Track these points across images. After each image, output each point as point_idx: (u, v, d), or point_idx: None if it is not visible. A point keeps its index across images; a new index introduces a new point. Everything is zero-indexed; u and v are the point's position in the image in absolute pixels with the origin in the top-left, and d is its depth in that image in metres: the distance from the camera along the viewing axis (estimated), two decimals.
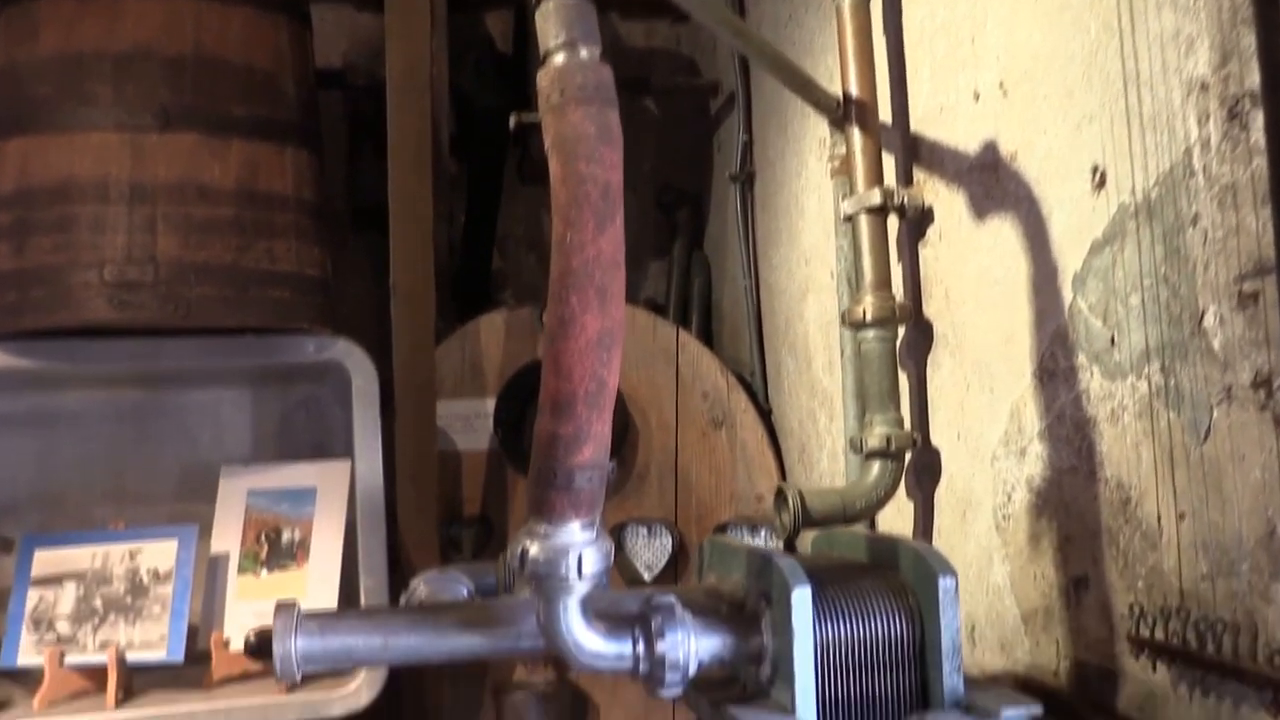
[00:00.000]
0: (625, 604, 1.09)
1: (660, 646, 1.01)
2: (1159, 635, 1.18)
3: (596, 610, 1.03)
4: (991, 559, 1.56)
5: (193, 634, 2.28)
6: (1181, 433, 1.18)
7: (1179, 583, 1.18)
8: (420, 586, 1.22)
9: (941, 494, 1.70)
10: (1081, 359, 1.36)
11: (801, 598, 1.00)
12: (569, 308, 0.94)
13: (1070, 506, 1.39)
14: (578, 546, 0.97)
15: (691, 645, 1.02)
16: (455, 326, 2.48)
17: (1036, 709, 1.00)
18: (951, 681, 1.03)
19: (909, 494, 1.76)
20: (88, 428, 2.46)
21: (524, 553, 0.97)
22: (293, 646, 1.05)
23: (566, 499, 0.96)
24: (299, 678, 1.05)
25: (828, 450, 2.15)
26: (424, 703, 2.33)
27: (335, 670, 1.47)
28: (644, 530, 2.32)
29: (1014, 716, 0.98)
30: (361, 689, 2.10)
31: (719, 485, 2.39)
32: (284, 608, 1.07)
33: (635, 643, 1.03)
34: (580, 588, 0.99)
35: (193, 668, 2.21)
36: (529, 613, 1.07)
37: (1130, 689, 1.28)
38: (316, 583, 2.21)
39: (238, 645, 2.21)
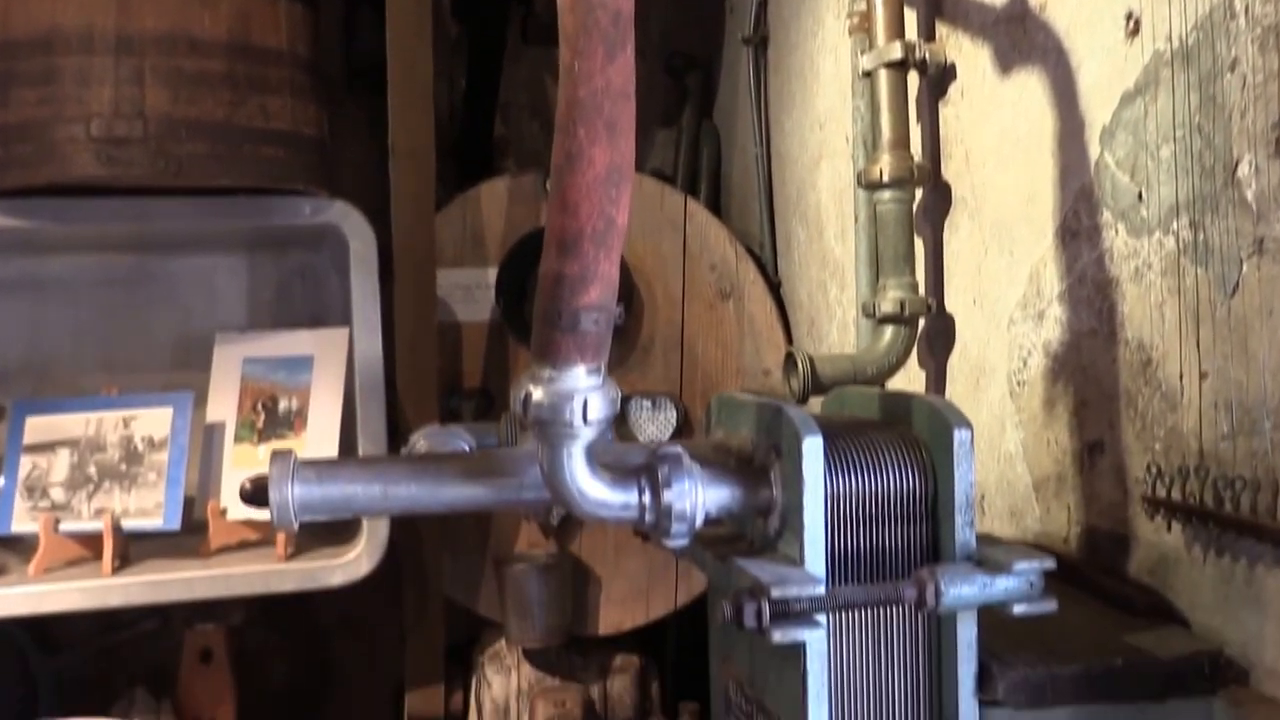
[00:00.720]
0: (631, 456, 1.09)
1: (667, 496, 1.01)
2: (1175, 496, 1.18)
3: (601, 462, 1.03)
4: (1004, 426, 1.56)
5: (189, 505, 2.29)
6: (1208, 289, 1.16)
7: (1198, 443, 1.18)
8: (420, 441, 1.22)
9: (955, 361, 1.69)
10: (1106, 217, 1.34)
11: (813, 447, 1.00)
12: (576, 141, 0.91)
13: (1088, 370, 1.38)
14: (583, 392, 0.96)
15: (699, 496, 1.02)
16: (455, 194, 2.44)
17: (1049, 562, 1.00)
18: (964, 535, 1.03)
19: (921, 361, 1.76)
20: (78, 294, 2.45)
21: (527, 397, 0.96)
22: (289, 494, 1.04)
23: (572, 341, 0.94)
24: (296, 526, 1.05)
25: (837, 322, 2.14)
26: (424, 575, 2.35)
27: (334, 520, 1.47)
28: (648, 404, 2.32)
29: (1026, 569, 0.98)
30: (361, 558, 2.12)
31: (725, 359, 2.39)
32: (280, 455, 1.06)
33: (641, 492, 1.02)
34: (585, 434, 0.98)
35: (189, 537, 2.23)
36: (532, 463, 1.06)
37: (1142, 553, 1.29)
38: (314, 453, 2.21)
39: (235, 514, 2.23)
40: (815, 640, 0.98)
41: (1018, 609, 0.99)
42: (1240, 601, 1.12)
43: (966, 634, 1.03)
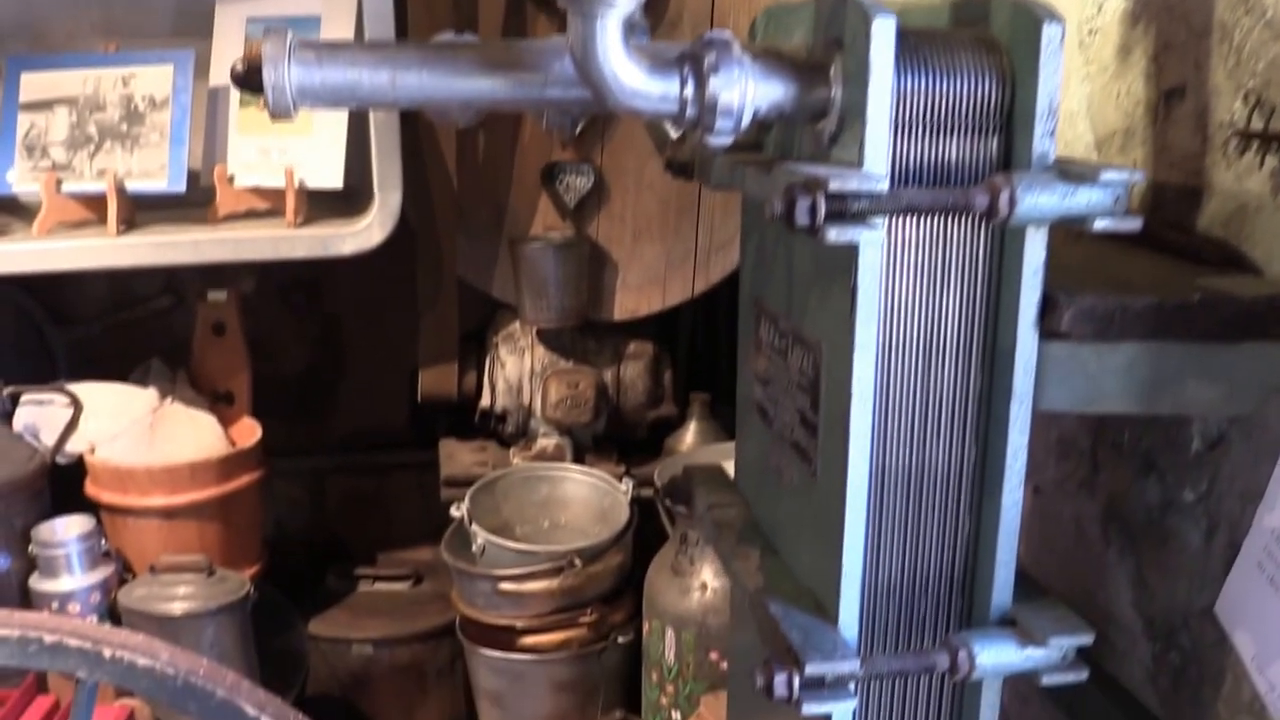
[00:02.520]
0: (671, 51, 0.93)
1: (713, 85, 0.86)
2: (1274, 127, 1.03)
3: (639, 49, 0.88)
4: (1069, 81, 1.39)
5: (195, 176, 2.16)
6: None
7: None
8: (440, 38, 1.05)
9: None
10: None
11: (884, 30, 0.84)
12: None
13: (1175, 8, 1.21)
14: None
15: (748, 87, 0.87)
16: None
17: (1138, 174, 0.87)
18: (1043, 146, 0.89)
19: None
20: None
21: None
22: (286, 75, 0.90)
23: None
24: (294, 112, 0.91)
25: None
26: (438, 255, 2.24)
27: (336, 105, 1.31)
28: None
29: (1114, 179, 0.85)
30: (373, 227, 2.00)
31: None
32: (275, 33, 0.91)
33: (683, 82, 0.88)
34: (622, 4, 0.83)
35: (196, 209, 2.11)
36: (560, 55, 0.91)
37: (1216, 205, 1.15)
38: (323, 118, 2.06)
39: (242, 181, 2.09)
40: (871, 245, 0.85)
41: (1099, 224, 0.86)
42: None
43: (1034, 255, 0.90)
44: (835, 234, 0.81)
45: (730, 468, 1.30)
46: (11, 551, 1.98)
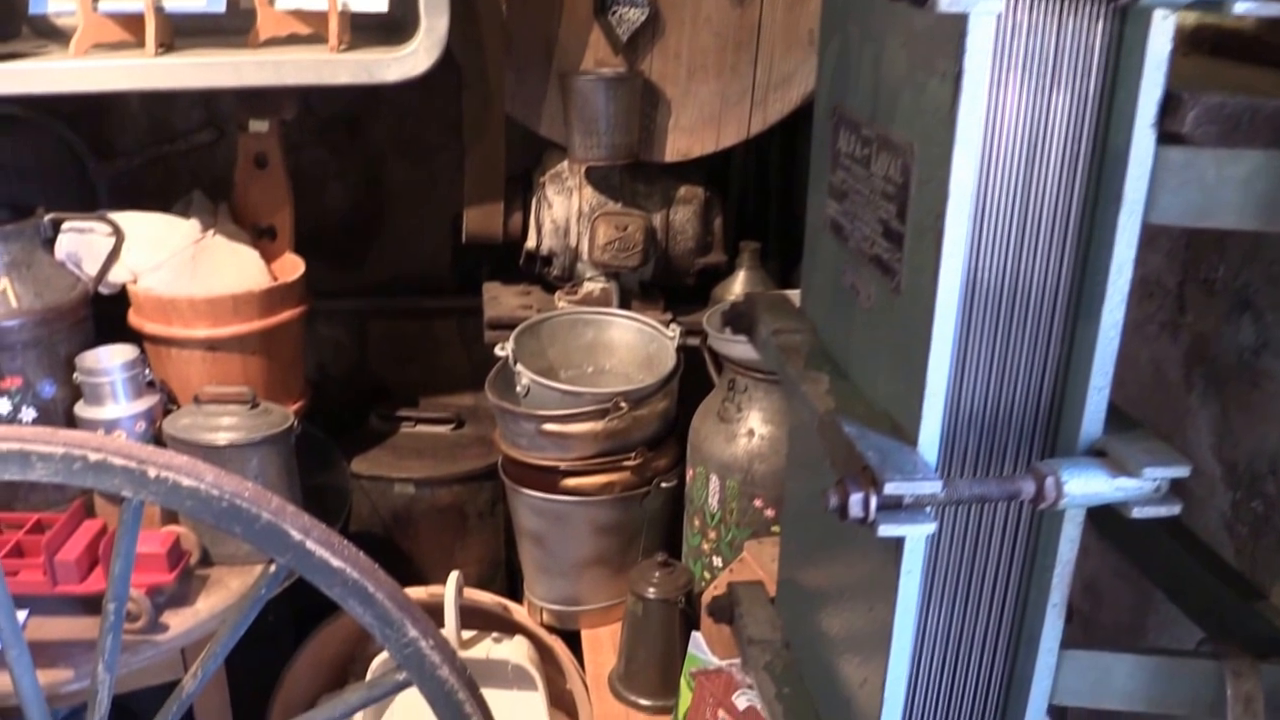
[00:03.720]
0: None
1: None
2: None
3: None
4: None
5: (234, 1, 2.05)
6: None
7: None
8: None
9: None
10: None
11: None
12: None
13: None
14: None
15: None
16: None
17: None
18: None
19: None
20: None
21: None
22: None
23: None
24: None
25: None
26: (485, 89, 2.14)
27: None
28: None
29: None
30: (419, 53, 1.89)
31: None
32: None
33: None
34: None
35: (236, 36, 2.02)
36: None
37: None
38: None
39: (284, 4, 1.98)
40: (985, 16, 0.75)
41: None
42: None
43: (1159, 46, 0.80)
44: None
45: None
46: (56, 379, 1.95)
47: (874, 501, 0.82)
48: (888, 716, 0.96)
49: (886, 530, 0.82)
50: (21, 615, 1.73)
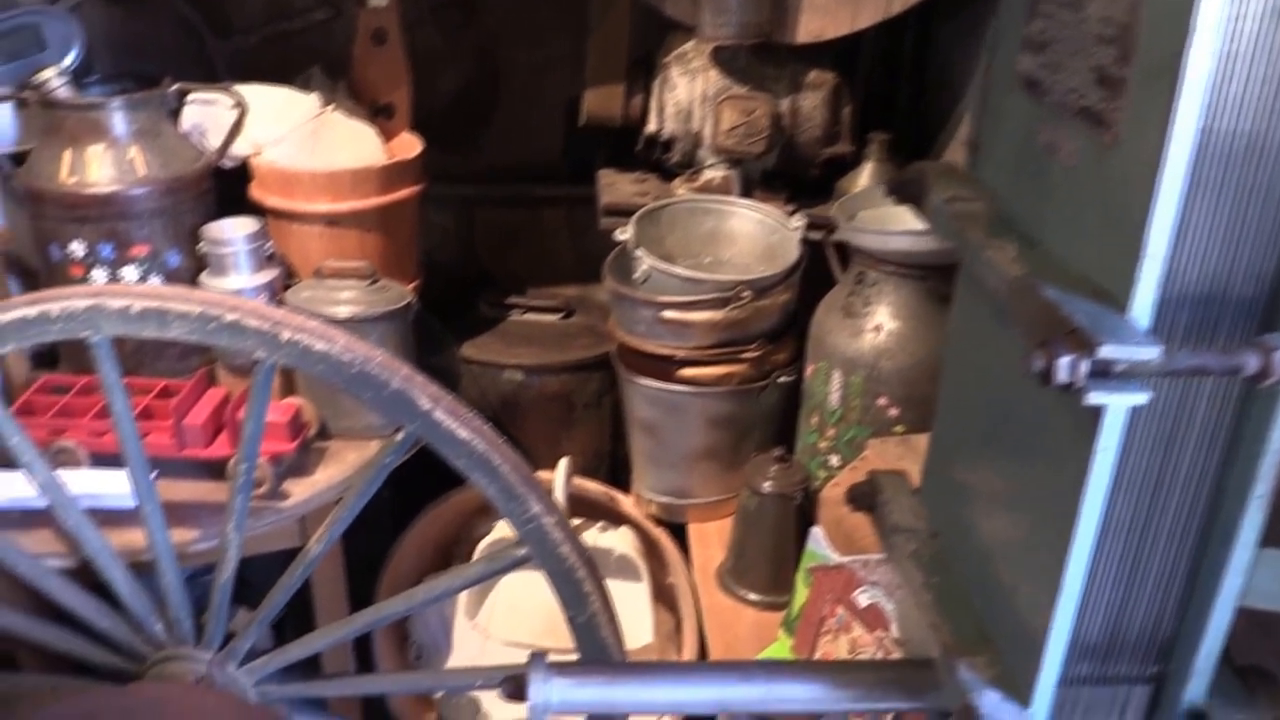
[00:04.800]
0: None
1: None
2: None
3: None
4: None
5: None
6: None
7: None
8: None
9: None
10: None
11: None
12: None
13: None
14: None
15: None
16: None
17: None
18: None
19: None
20: None
21: None
22: None
23: None
24: None
25: None
26: None
27: None
28: None
29: None
30: None
31: None
32: None
33: None
34: None
35: None
36: None
37: None
38: None
39: None
40: None
41: None
42: None
43: None
44: None
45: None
46: (182, 249, 1.94)
47: (1085, 366, 0.75)
48: (1062, 608, 0.90)
49: (1096, 398, 0.76)
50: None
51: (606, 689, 1.07)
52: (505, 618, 2.17)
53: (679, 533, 2.14)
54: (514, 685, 1.07)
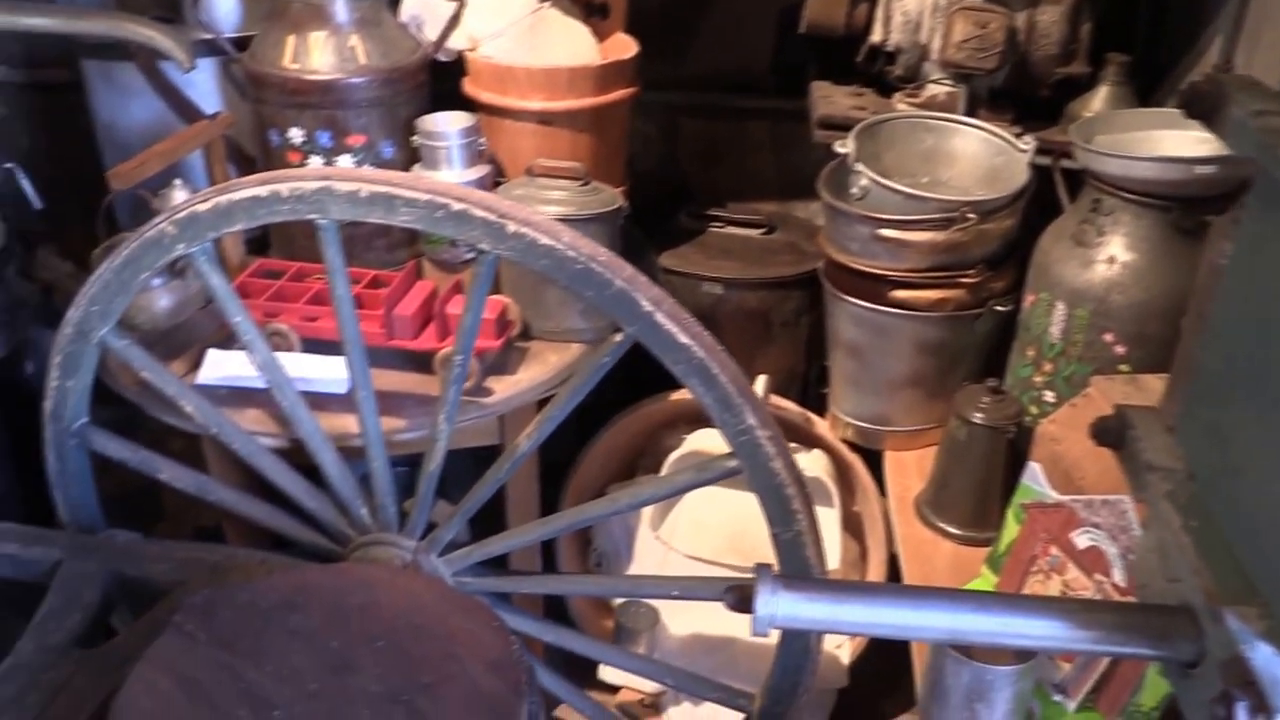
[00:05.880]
0: None
1: None
2: None
3: None
4: None
5: None
6: None
7: None
8: None
9: None
10: None
11: None
12: None
13: None
14: None
15: None
16: None
17: None
18: None
19: None
20: None
21: None
22: None
23: None
24: None
25: None
26: None
27: None
28: None
29: None
30: None
31: None
32: None
33: None
34: None
35: None
36: None
37: None
38: None
39: None
40: None
41: None
42: None
43: None
44: None
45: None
46: (396, 141, 1.96)
47: None
48: None
49: None
50: None
51: (835, 607, 1.04)
52: (689, 531, 2.17)
53: (872, 460, 2.09)
54: (739, 596, 1.06)
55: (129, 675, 1.24)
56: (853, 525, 2.21)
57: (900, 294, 1.86)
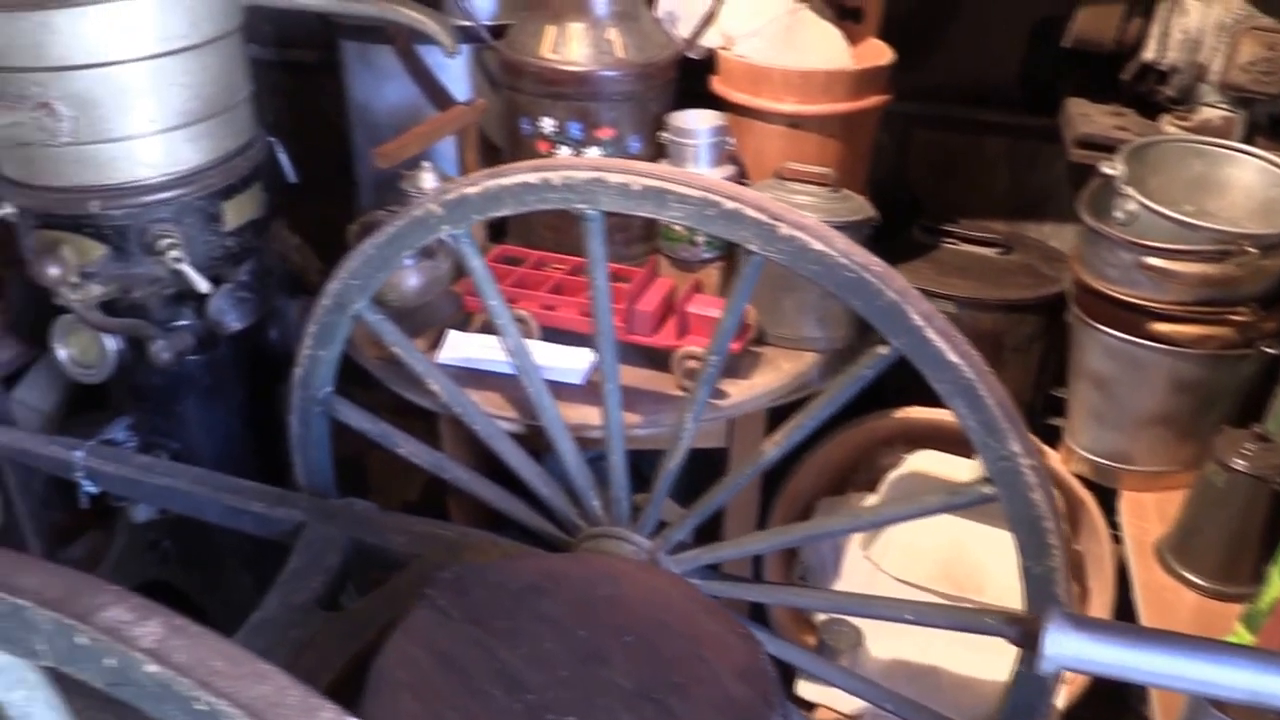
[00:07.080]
0: None
1: None
2: None
3: None
4: None
5: None
6: None
7: None
8: None
9: None
10: None
11: None
12: None
13: None
14: None
15: None
16: None
17: None
18: None
19: None
20: None
21: None
22: None
23: None
24: None
25: None
26: None
27: None
28: None
29: None
30: None
31: None
32: None
33: None
34: None
35: None
36: None
37: None
38: None
39: None
40: None
41: None
42: None
43: None
44: None
45: None
46: (643, 136, 1.98)
47: None
48: None
49: None
50: (594, 357, 1.80)
51: (1130, 652, 1.00)
52: (900, 555, 2.13)
53: (1105, 497, 2.01)
54: (1024, 630, 1.02)
55: (384, 645, 1.28)
56: (1073, 563, 2.12)
57: (1161, 327, 1.78)
